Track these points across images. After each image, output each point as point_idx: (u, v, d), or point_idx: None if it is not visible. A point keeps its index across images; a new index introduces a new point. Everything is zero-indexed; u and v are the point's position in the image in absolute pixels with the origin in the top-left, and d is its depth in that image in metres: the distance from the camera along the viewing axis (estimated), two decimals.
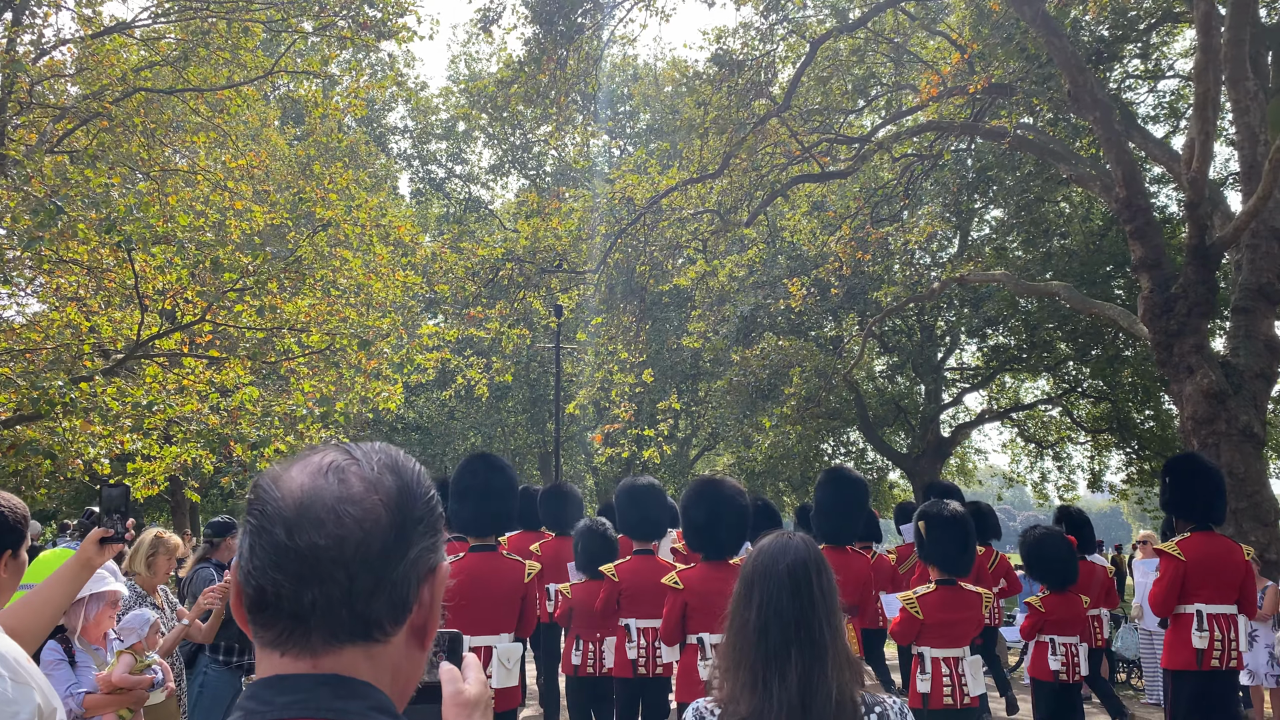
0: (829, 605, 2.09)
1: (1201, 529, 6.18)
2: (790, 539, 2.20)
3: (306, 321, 13.41)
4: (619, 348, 15.75)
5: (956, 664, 5.42)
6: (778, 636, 2.00)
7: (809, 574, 2.09)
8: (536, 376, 34.62)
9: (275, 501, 0.99)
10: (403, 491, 1.03)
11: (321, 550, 0.96)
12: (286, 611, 0.97)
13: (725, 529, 5.47)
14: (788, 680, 1.95)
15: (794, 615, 2.02)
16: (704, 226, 15.65)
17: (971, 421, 29.37)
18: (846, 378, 18.82)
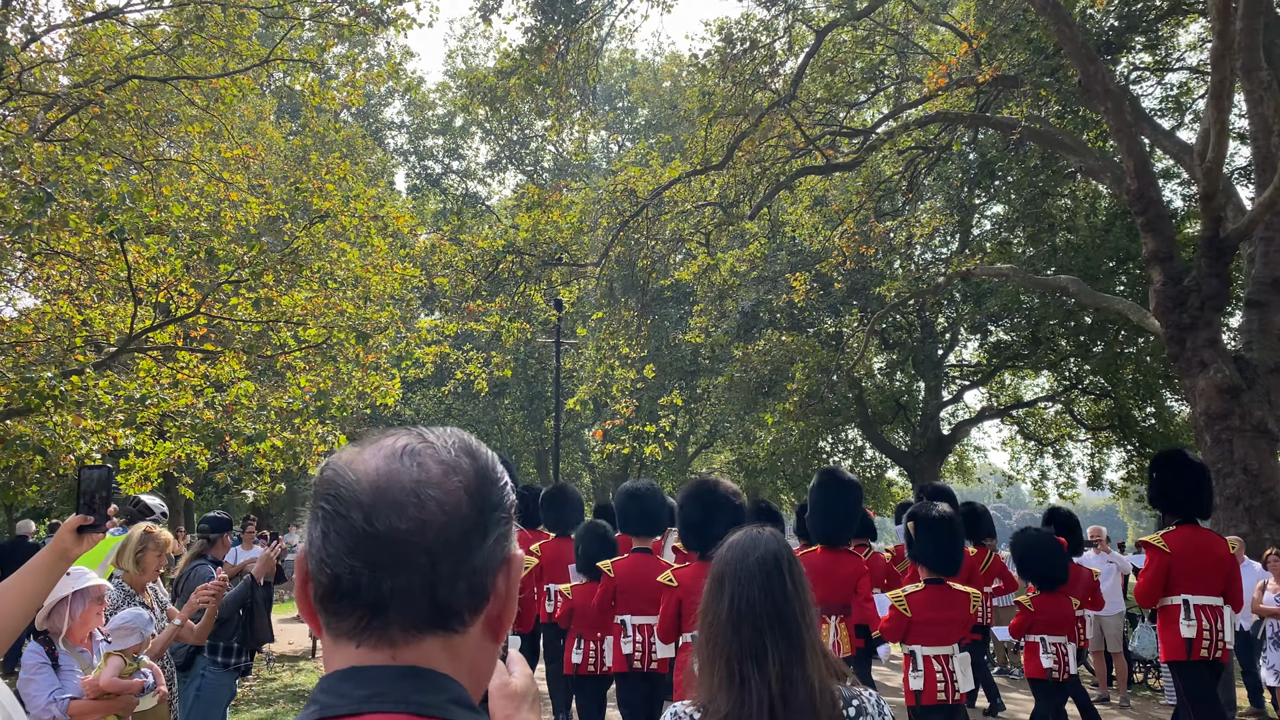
0: (802, 598, 2.04)
1: (1187, 522, 6.28)
2: (759, 533, 2.16)
3: (303, 315, 13.13)
4: (620, 342, 15.48)
5: (947, 661, 5.55)
6: (751, 630, 1.97)
7: (779, 566, 2.05)
8: (534, 373, 34.33)
9: (350, 485, 0.94)
10: (480, 476, 0.98)
11: (402, 535, 0.92)
12: (364, 600, 0.92)
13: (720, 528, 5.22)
14: (766, 673, 1.92)
15: (766, 607, 1.99)
16: (706, 220, 15.39)
17: (972, 419, 29.15)
18: (849, 373, 18.57)
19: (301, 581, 0.98)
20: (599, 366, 15.27)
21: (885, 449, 28.33)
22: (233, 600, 6.01)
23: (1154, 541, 6.32)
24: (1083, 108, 15.02)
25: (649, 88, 30.37)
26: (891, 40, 15.72)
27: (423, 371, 15.51)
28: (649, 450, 16.19)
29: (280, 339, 13.99)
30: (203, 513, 23.45)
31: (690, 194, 14.90)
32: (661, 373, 24.97)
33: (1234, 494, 11.83)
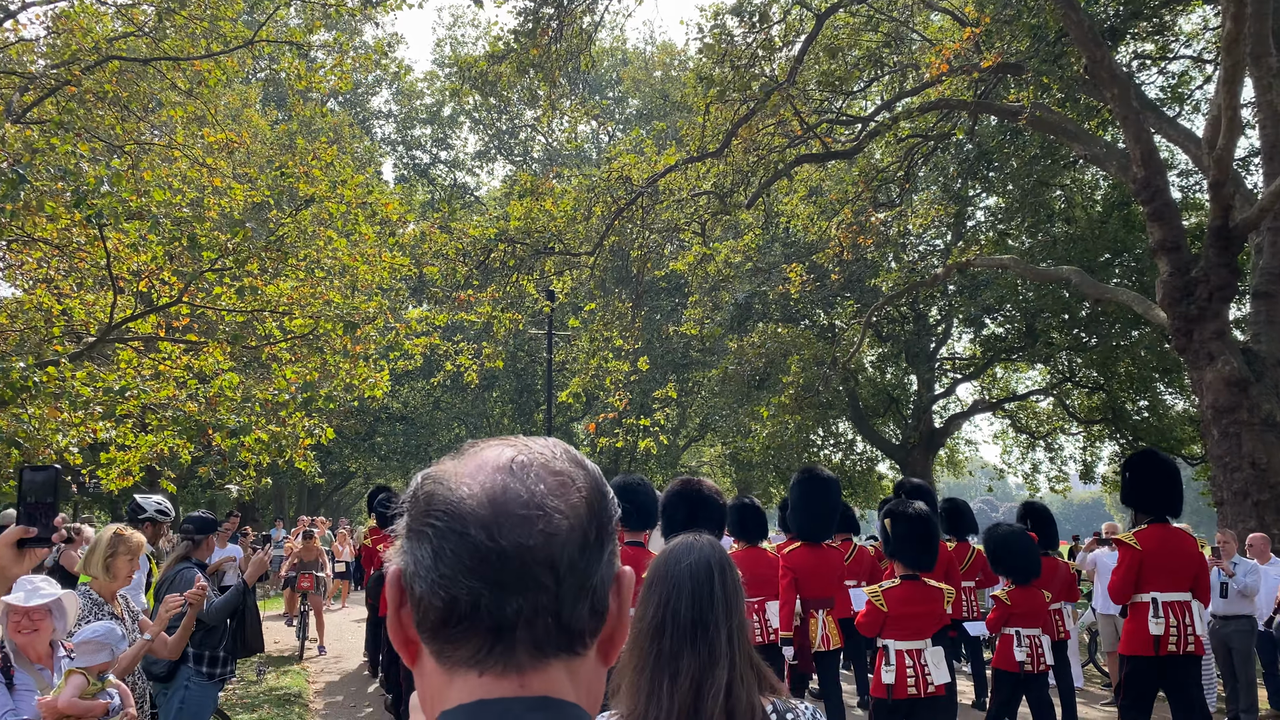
0: (730, 606, 1.98)
1: (1158, 521, 6.42)
2: (696, 540, 2.11)
3: (289, 305, 12.72)
4: (614, 334, 15.12)
5: (919, 655, 5.70)
6: (673, 638, 1.92)
7: (710, 575, 1.99)
8: (524, 366, 33.93)
9: (464, 500, 0.87)
10: (594, 487, 0.93)
11: (529, 552, 0.85)
12: (486, 624, 0.85)
13: (704, 524, 5.71)
14: (679, 683, 1.86)
15: (691, 616, 1.93)
16: (701, 209, 15.03)
17: (964, 412, 28.93)
18: (845, 366, 18.25)
19: (397, 607, 0.90)
20: (592, 359, 14.90)
21: (877, 442, 28.08)
22: (222, 607, 5.64)
23: (1126, 539, 6.44)
24: (1085, 96, 14.72)
25: (640, 77, 29.96)
26: (888, 27, 15.38)
27: (412, 363, 15.12)
28: (644, 444, 15.85)
29: (266, 329, 13.60)
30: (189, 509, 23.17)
31: (686, 182, 14.54)
32: (654, 366, 24.63)
33: (1241, 489, 11.58)
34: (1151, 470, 6.61)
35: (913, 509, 5.93)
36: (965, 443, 34.27)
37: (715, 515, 5.95)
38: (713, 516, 5.93)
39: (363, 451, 32.95)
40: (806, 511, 7.22)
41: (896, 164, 16.96)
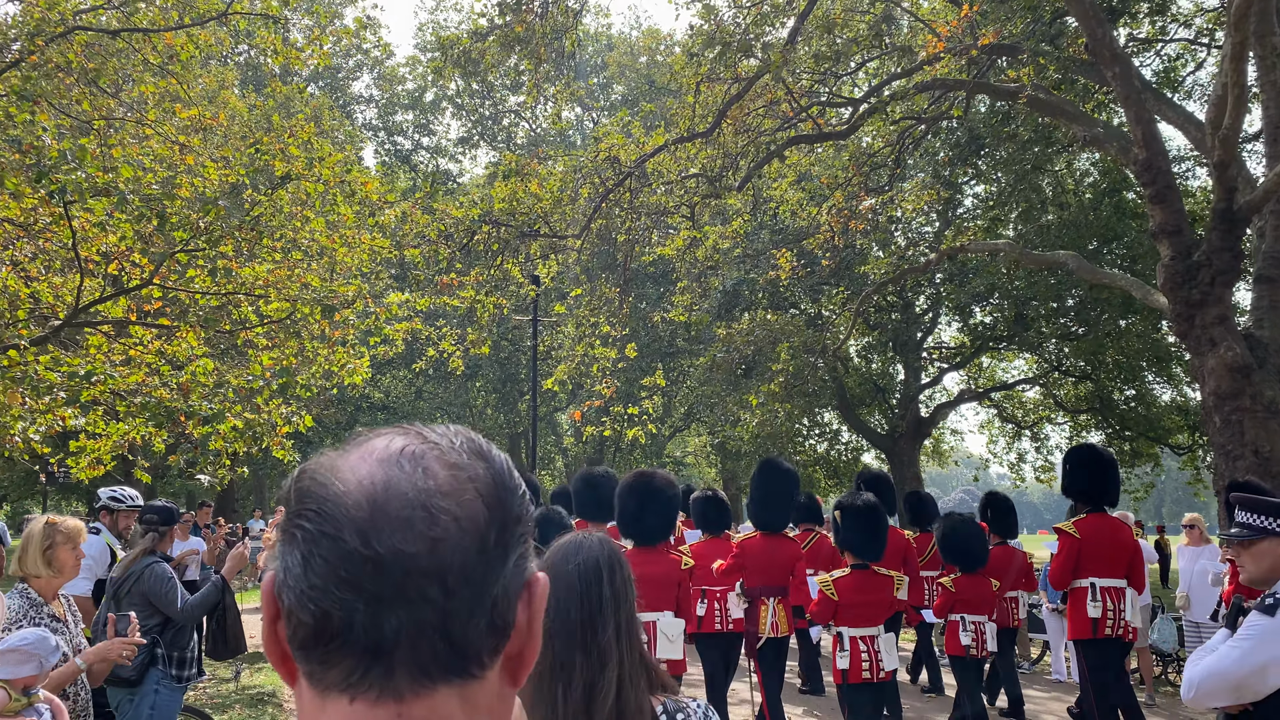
0: (619, 607, 1.93)
1: (1096, 510, 6.77)
2: (585, 539, 2.05)
3: (265, 288, 12.24)
4: (601, 320, 14.70)
5: (872, 641, 5.92)
6: (563, 642, 1.88)
7: (599, 576, 1.95)
8: (508, 355, 33.45)
9: (339, 498, 0.74)
10: (498, 482, 0.79)
11: (410, 559, 0.72)
12: (361, 643, 0.72)
13: (654, 517, 5.95)
14: (573, 688, 1.83)
15: (580, 618, 1.89)
16: (690, 192, 14.61)
17: (950, 402, 28.67)
18: (835, 354, 17.89)
19: (271, 619, 0.78)
20: (578, 345, 14.47)
21: (863, 432, 27.79)
22: (199, 605, 5.22)
23: (1066, 528, 6.78)
24: (1082, 78, 14.38)
25: (626, 62, 29.46)
26: (881, 7, 14.98)
27: (393, 350, 14.64)
28: (632, 433, 15.45)
29: (241, 313, 13.10)
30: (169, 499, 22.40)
31: (675, 164, 14.11)
32: (640, 354, 24.20)
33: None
34: (1090, 462, 6.94)
35: (861, 501, 6.19)
36: (951, 432, 34.06)
37: (666, 507, 6.08)
38: (663, 508, 6.06)
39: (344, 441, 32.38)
40: (765, 502, 7.42)
41: (888, 148, 16.58)
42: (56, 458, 12.78)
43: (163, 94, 13.20)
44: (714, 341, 19.10)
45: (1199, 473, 26.58)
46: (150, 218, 10.05)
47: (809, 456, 25.34)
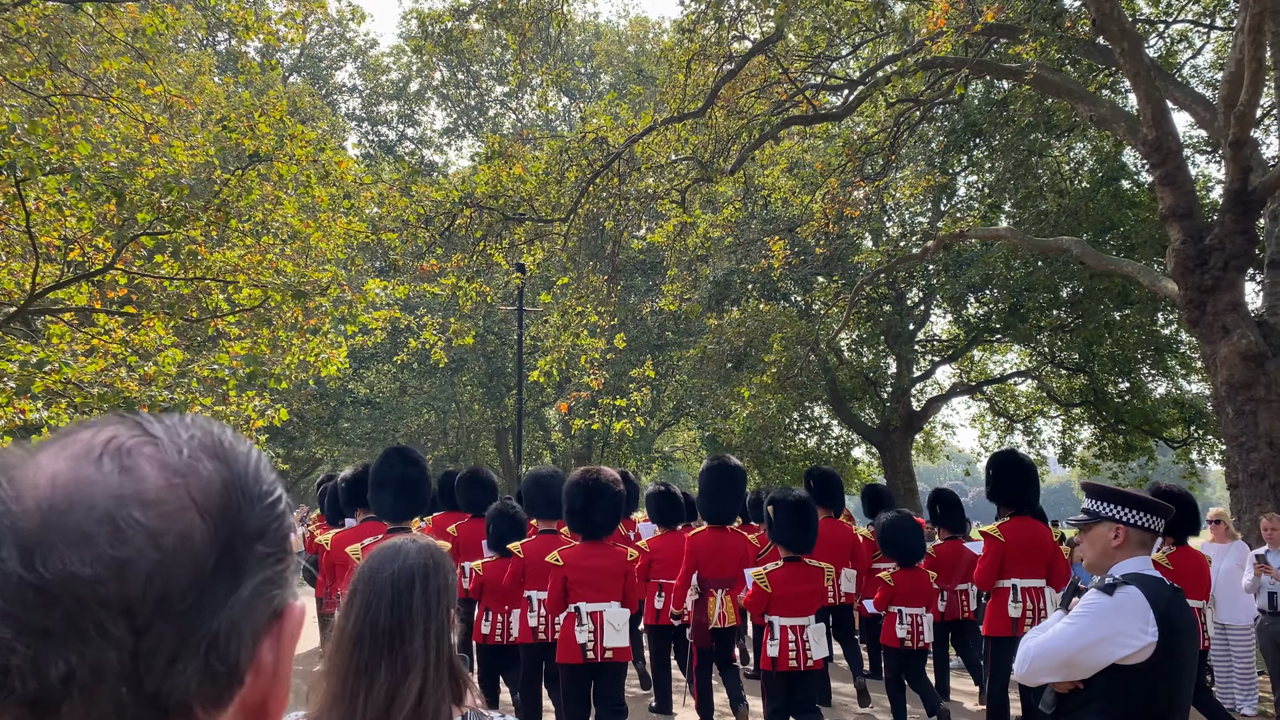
0: (430, 614, 1.86)
1: (1018, 514, 6.94)
2: (405, 545, 1.96)
3: (234, 273, 11.60)
4: (588, 309, 14.11)
5: (801, 631, 6.07)
6: (370, 647, 1.82)
7: (412, 582, 1.88)
8: (494, 349, 32.78)
9: (2, 504, 0.61)
10: (231, 489, 0.66)
11: (85, 586, 0.59)
12: (18, 694, 0.59)
13: (600, 513, 6.10)
14: (374, 692, 1.78)
15: (389, 624, 1.83)
16: (681, 176, 14.03)
17: (942, 395, 28.18)
18: (830, 344, 17.35)
19: None
20: (564, 333, 13.87)
21: (854, 425, 27.27)
22: None
23: (991, 531, 6.91)
24: (1085, 59, 13.85)
25: (614, 50, 28.83)
26: None
27: (371, 339, 14.00)
28: (619, 426, 14.87)
29: (213, 301, 12.45)
30: None
31: (665, 145, 13.53)
32: (629, 347, 23.59)
33: (1259, 470, 10.78)
34: (1013, 467, 7.14)
35: (793, 496, 6.44)
36: (943, 426, 33.61)
37: (612, 503, 6.23)
38: (609, 504, 6.21)
39: (328, 437, 31.71)
40: (714, 496, 7.58)
41: (883, 134, 16.04)
42: None
43: (128, 72, 12.52)
44: (704, 333, 18.53)
45: (1193, 467, 26.18)
46: (108, 197, 9.41)
47: (799, 451, 24.81)
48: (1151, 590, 2.90)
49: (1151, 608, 2.85)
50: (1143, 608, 2.85)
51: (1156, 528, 3.08)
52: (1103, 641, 2.85)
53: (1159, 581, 2.96)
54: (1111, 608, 2.87)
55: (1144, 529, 3.05)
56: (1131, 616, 2.85)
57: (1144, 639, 2.82)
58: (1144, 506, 3.05)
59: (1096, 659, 2.86)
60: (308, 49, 31.01)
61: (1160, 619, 2.85)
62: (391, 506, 6.19)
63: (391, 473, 6.23)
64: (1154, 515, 3.06)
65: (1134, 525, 3.04)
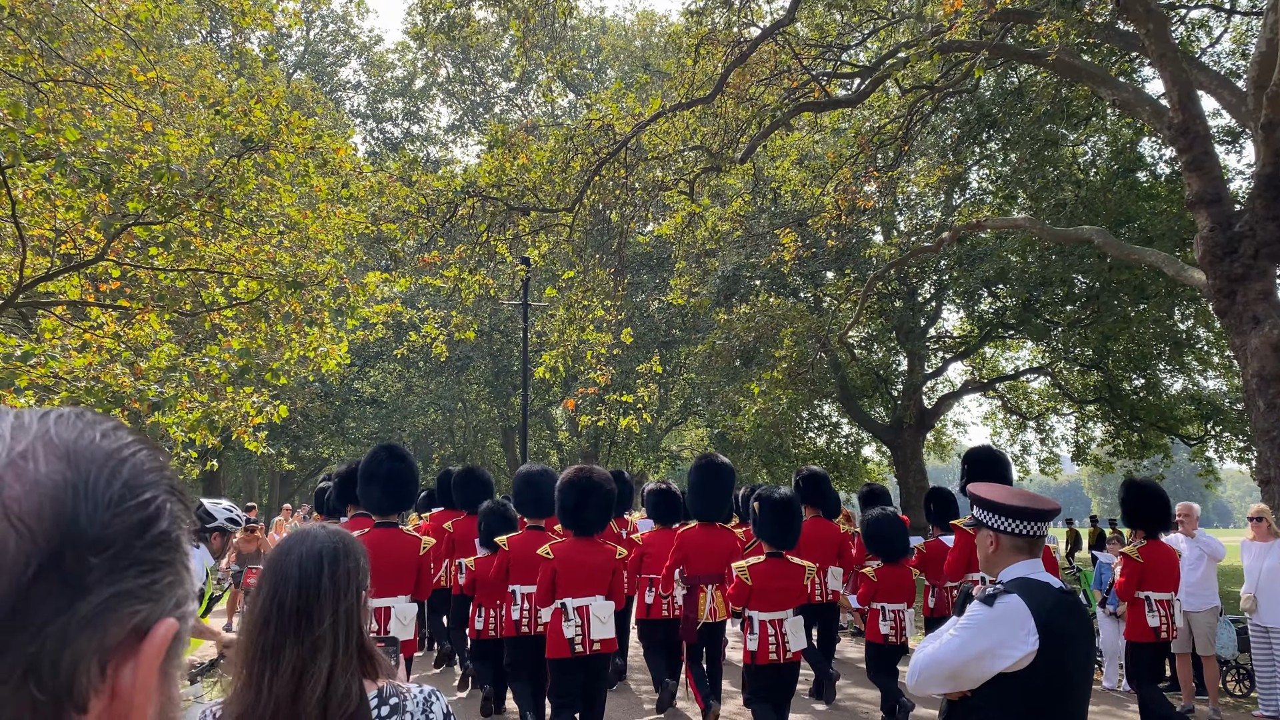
0: (339, 595, 1.84)
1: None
2: (314, 530, 1.95)
3: (229, 263, 11.22)
4: (594, 303, 13.69)
5: (780, 625, 6.17)
6: (276, 628, 1.80)
7: (320, 565, 1.86)
8: (500, 348, 32.40)
9: None
10: (67, 492, 0.60)
11: None
12: None
13: (592, 510, 6.21)
14: (280, 673, 1.76)
15: (296, 607, 1.81)
16: (689, 165, 13.61)
17: (954, 392, 27.69)
18: (842, 340, 16.90)
19: None
20: (569, 326, 13.47)
21: (865, 423, 26.81)
22: None
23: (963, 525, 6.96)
24: (1105, 44, 13.39)
25: (620, 45, 28.40)
26: None
27: (372, 334, 13.61)
28: (625, 423, 14.45)
29: (209, 297, 12.07)
30: None
31: (674, 134, 13.11)
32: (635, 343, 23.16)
33: None
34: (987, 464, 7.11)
35: (777, 494, 6.49)
36: (953, 424, 33.08)
37: (603, 501, 6.30)
38: (600, 502, 6.28)
39: (333, 436, 31.34)
40: (704, 495, 7.65)
41: (895, 124, 15.59)
42: None
43: (122, 59, 12.15)
44: (712, 329, 18.09)
45: (1210, 464, 25.65)
46: (96, 184, 9.03)
47: (809, 449, 24.35)
48: (1034, 597, 2.87)
49: (1032, 615, 2.82)
50: (1022, 616, 2.82)
51: (1031, 532, 3.01)
52: (986, 654, 2.82)
53: (1044, 587, 2.93)
54: (991, 619, 2.84)
55: (1017, 535, 3.01)
56: (1011, 626, 2.82)
57: (1025, 648, 2.79)
58: (1013, 514, 3.02)
59: (981, 671, 2.84)
60: (311, 45, 30.67)
61: (1042, 626, 2.81)
62: (379, 501, 6.21)
63: (379, 468, 6.25)
64: (1025, 521, 3.01)
65: (1005, 532, 3.01)
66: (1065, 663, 2.85)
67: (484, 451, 40.95)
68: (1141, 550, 7.14)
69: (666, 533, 8.30)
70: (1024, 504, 3.03)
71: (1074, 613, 2.94)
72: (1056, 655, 2.81)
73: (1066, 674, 2.86)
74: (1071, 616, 2.92)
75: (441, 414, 37.92)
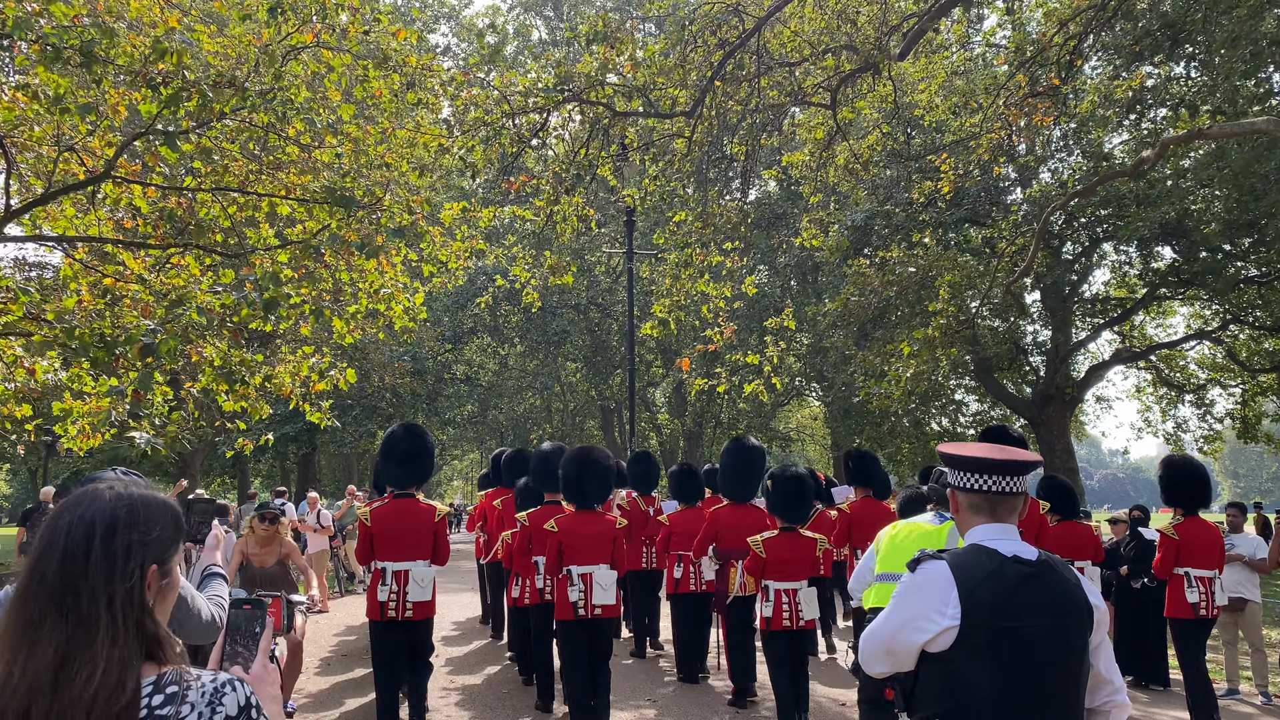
0: (113, 571, 1.55)
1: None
2: (97, 493, 1.63)
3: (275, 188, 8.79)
4: (712, 245, 10.94)
5: (794, 594, 6.47)
6: (36, 604, 1.53)
7: (92, 535, 1.56)
8: (597, 321, 29.87)
9: None
10: None
11: None
12: None
13: (591, 484, 6.57)
14: (38, 653, 1.49)
15: (59, 581, 1.53)
16: (831, 69, 10.72)
17: (1104, 363, 24.00)
18: (1009, 290, 13.77)
19: None
20: (684, 271, 10.75)
21: (1002, 398, 23.40)
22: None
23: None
24: None
25: None
26: None
27: (451, 280, 11.10)
28: (750, 388, 11.66)
29: (259, 237, 9.72)
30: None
31: (813, 22, 10.22)
32: (749, 309, 20.27)
33: None
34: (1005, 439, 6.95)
35: (790, 472, 6.76)
36: (1094, 399, 29.23)
37: (602, 476, 6.61)
38: (600, 477, 6.60)
39: (429, 417, 29.31)
40: (733, 474, 7.81)
41: (1066, 32, 12.40)
42: (32, 424, 9.57)
43: None
44: (846, 283, 15.11)
45: None
46: (77, 62, 6.65)
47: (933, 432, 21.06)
48: (966, 563, 2.38)
49: (957, 585, 2.34)
50: (942, 585, 2.36)
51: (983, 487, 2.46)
52: (903, 626, 2.40)
53: (987, 553, 2.40)
54: (909, 588, 2.44)
55: (970, 491, 2.50)
56: (927, 596, 2.37)
57: (940, 622, 2.33)
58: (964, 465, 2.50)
59: (904, 645, 2.41)
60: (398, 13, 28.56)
61: (965, 598, 2.32)
62: (396, 476, 6.40)
63: (398, 445, 6.52)
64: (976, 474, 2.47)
65: (959, 488, 2.53)
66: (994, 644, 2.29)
67: (582, 434, 38.62)
68: (1178, 527, 7.06)
69: (691, 511, 8.62)
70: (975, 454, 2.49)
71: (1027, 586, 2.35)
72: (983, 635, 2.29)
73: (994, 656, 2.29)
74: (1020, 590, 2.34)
75: (539, 396, 35.65)
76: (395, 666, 6.17)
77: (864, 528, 8.29)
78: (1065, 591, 2.40)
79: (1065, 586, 2.41)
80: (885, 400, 13.46)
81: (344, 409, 24.57)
